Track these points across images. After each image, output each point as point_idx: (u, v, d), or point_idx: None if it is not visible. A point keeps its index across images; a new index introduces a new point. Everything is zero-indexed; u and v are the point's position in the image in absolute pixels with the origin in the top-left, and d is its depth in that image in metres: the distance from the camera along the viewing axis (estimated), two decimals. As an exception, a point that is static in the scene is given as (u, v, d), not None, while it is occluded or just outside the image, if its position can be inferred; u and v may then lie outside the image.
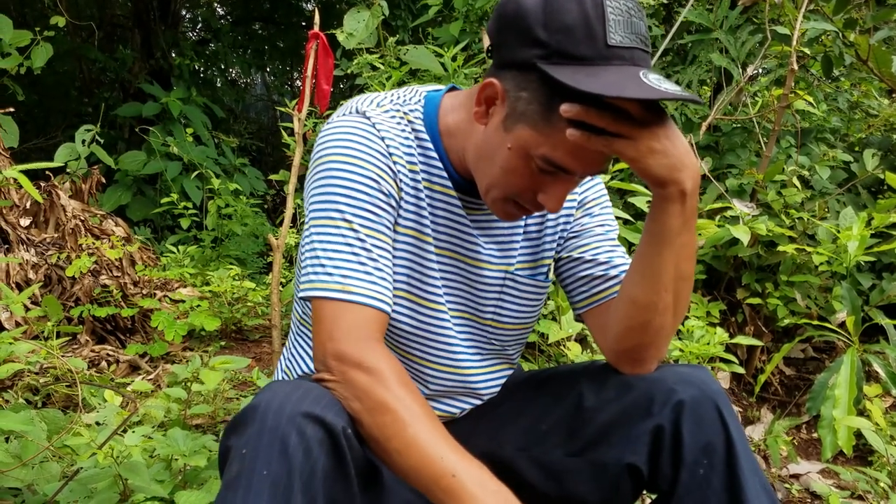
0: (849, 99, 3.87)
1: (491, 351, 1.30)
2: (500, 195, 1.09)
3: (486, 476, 0.96)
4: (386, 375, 1.00)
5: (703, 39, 3.52)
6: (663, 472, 1.14)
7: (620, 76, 0.93)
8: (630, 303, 1.14)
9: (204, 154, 6.51)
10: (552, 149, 1.00)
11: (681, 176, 1.01)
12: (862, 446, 2.40)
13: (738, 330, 2.84)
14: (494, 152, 1.06)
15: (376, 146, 1.12)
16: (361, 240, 1.07)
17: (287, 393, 0.96)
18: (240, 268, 4.06)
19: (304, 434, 0.92)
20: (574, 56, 0.94)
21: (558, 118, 0.96)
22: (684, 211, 1.05)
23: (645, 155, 0.99)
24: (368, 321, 1.05)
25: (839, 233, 2.55)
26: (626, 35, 0.95)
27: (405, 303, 1.19)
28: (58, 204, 3.30)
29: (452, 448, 0.97)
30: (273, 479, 0.90)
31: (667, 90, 0.91)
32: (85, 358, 2.74)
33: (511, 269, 1.25)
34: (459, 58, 3.18)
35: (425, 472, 0.95)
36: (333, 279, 1.05)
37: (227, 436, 0.97)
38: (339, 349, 1.02)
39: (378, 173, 1.10)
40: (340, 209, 1.08)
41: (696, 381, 1.14)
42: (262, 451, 0.91)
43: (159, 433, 1.71)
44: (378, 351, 1.03)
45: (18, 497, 1.65)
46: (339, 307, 1.04)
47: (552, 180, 1.05)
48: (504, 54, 1.02)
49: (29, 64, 4.70)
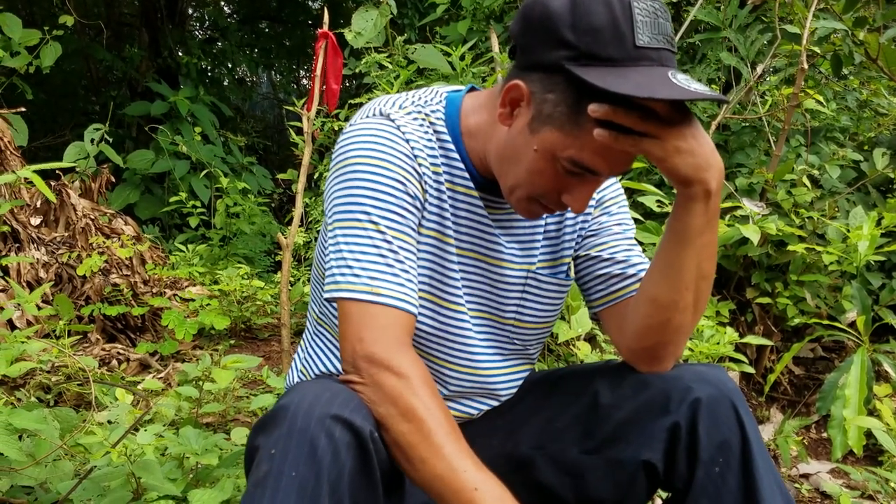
0: (858, 98, 3.85)
1: (512, 351, 1.31)
2: (525, 195, 1.09)
3: (506, 494, 0.97)
4: (415, 382, 1.00)
5: (713, 38, 3.50)
6: (679, 470, 1.14)
7: (649, 77, 0.94)
8: (651, 301, 1.15)
9: (212, 153, 6.52)
10: (579, 150, 1.00)
11: (706, 175, 1.02)
12: (872, 446, 2.40)
13: (747, 329, 2.84)
14: (520, 154, 1.06)
15: (402, 148, 1.12)
16: (388, 241, 1.07)
17: (316, 394, 0.96)
18: (248, 266, 4.07)
19: (333, 437, 0.92)
20: (602, 57, 0.95)
21: (586, 119, 0.97)
22: (708, 210, 1.06)
23: (672, 154, 0.99)
24: (398, 323, 1.05)
25: (849, 232, 2.55)
26: (653, 36, 0.96)
27: (425, 304, 1.19)
28: (68, 203, 3.31)
29: (474, 462, 0.98)
30: (301, 481, 0.90)
31: (696, 90, 0.92)
32: (96, 356, 2.75)
33: (533, 269, 1.25)
34: (467, 56, 3.19)
35: (448, 483, 0.95)
36: (361, 280, 1.05)
37: (256, 435, 0.98)
38: (370, 351, 1.01)
39: (404, 175, 1.11)
40: (367, 211, 1.08)
41: (713, 379, 1.15)
42: (291, 452, 0.91)
43: (171, 431, 1.72)
44: (409, 355, 1.03)
45: (32, 495, 1.66)
46: (367, 308, 1.04)
47: (578, 181, 1.05)
48: (530, 56, 1.02)
49: (38, 63, 4.72)
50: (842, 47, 3.16)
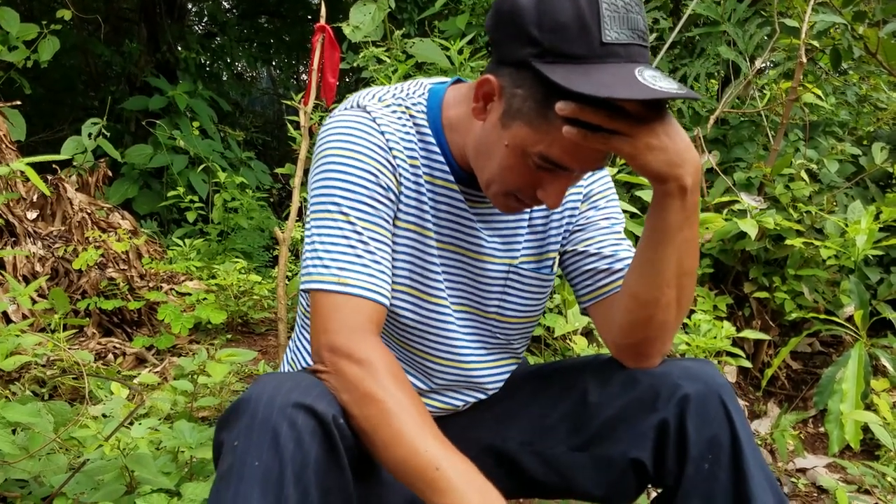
0: (857, 92, 3.85)
1: (496, 345, 1.30)
2: (500, 190, 1.09)
3: (471, 470, 0.96)
4: (376, 367, 1.00)
5: (711, 32, 3.49)
6: (668, 467, 1.13)
7: (614, 75, 0.92)
8: (632, 298, 1.14)
9: (210, 148, 6.51)
10: (548, 146, 0.99)
11: (680, 172, 1.00)
12: (869, 441, 2.40)
13: (745, 324, 2.83)
14: (492, 149, 1.06)
15: (375, 140, 1.11)
16: (359, 233, 1.08)
17: (277, 384, 0.96)
18: (246, 261, 4.06)
19: (296, 424, 0.92)
20: (568, 55, 0.93)
21: (554, 116, 0.95)
22: (685, 206, 1.04)
23: (643, 151, 0.97)
24: (364, 313, 1.05)
25: (847, 227, 2.54)
26: (621, 31, 0.93)
27: (407, 297, 1.19)
28: (64, 197, 3.31)
29: (439, 441, 0.97)
30: (265, 471, 0.90)
31: (661, 88, 0.90)
32: (92, 350, 2.75)
33: (515, 263, 1.25)
34: (466, 51, 3.17)
35: (410, 464, 0.95)
36: (330, 271, 1.05)
37: (220, 430, 0.98)
38: (332, 341, 1.02)
39: (377, 167, 1.10)
40: (338, 202, 1.08)
41: (701, 375, 1.14)
42: (254, 442, 0.91)
43: (166, 425, 1.71)
44: (371, 343, 1.03)
45: (25, 488, 1.65)
46: (335, 299, 1.04)
47: (550, 177, 1.04)
48: (500, 51, 1.01)
49: (36, 57, 4.71)
50: (841, 41, 3.16)
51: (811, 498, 2.20)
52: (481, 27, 4.12)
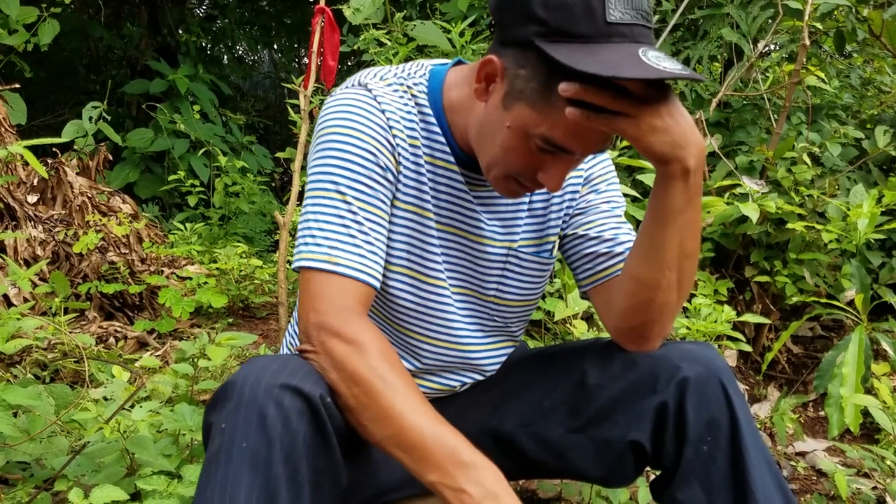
0: (861, 75, 3.82)
1: (494, 327, 1.30)
2: (501, 173, 1.08)
3: (460, 445, 0.95)
4: (365, 346, 0.99)
5: (714, 14, 3.47)
6: (667, 449, 1.14)
7: (619, 54, 0.91)
8: (634, 280, 1.13)
9: (211, 131, 6.49)
10: (551, 128, 0.98)
11: (683, 153, 0.99)
12: (869, 424, 2.40)
13: (745, 308, 2.83)
14: (494, 131, 1.05)
15: (376, 119, 1.11)
16: (354, 212, 1.07)
17: (264, 366, 0.96)
18: (247, 245, 4.06)
19: (283, 405, 0.92)
20: (572, 34, 0.93)
21: (557, 97, 0.95)
22: (688, 188, 1.03)
23: (646, 133, 0.97)
24: (353, 293, 1.04)
25: (849, 210, 2.53)
26: (626, 11, 0.93)
27: (405, 278, 1.19)
28: (65, 181, 3.30)
29: (428, 417, 0.96)
30: (253, 452, 0.91)
31: (665, 69, 0.89)
32: (93, 334, 2.76)
33: (514, 246, 1.24)
34: (467, 33, 3.16)
35: (398, 440, 0.95)
36: (321, 250, 1.05)
37: (208, 413, 0.98)
38: (320, 320, 1.01)
39: (376, 146, 1.10)
40: (335, 181, 1.08)
41: (701, 358, 1.14)
42: (241, 424, 0.92)
43: (167, 408, 1.72)
44: (359, 322, 1.02)
45: (27, 471, 1.66)
46: (324, 278, 1.04)
47: (552, 159, 1.04)
48: (504, 31, 1.00)
49: (36, 41, 4.69)
50: (845, 24, 3.13)
51: (810, 481, 2.20)
52: (483, 9, 4.09)
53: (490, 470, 0.94)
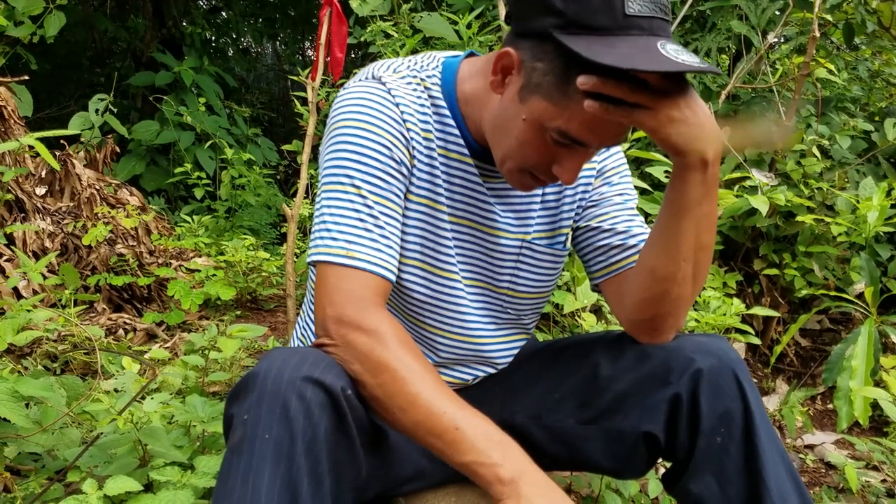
0: (870, 67, 3.80)
1: (507, 320, 1.30)
2: (516, 166, 1.08)
3: (490, 427, 0.97)
4: (385, 336, 1.00)
5: (723, 6, 3.45)
6: (680, 441, 1.14)
7: (637, 47, 0.91)
8: (649, 273, 1.13)
9: (216, 124, 6.49)
10: (567, 121, 0.98)
11: (701, 145, 0.99)
12: (878, 417, 2.40)
13: (754, 301, 2.83)
14: (510, 123, 1.05)
15: (390, 112, 1.10)
16: (369, 206, 1.07)
17: (285, 358, 0.96)
18: (253, 238, 4.07)
19: (305, 397, 0.93)
20: (591, 26, 0.92)
21: (574, 90, 0.94)
22: (705, 180, 1.03)
23: (664, 124, 0.96)
24: (370, 287, 1.04)
25: (858, 203, 2.52)
26: (644, 4, 0.93)
27: (418, 271, 1.19)
28: (73, 173, 3.31)
29: (455, 402, 0.98)
30: (276, 443, 0.91)
31: (684, 62, 0.89)
32: (102, 326, 2.76)
33: (528, 238, 1.24)
34: (474, 25, 3.15)
35: (429, 426, 0.96)
36: (338, 244, 1.05)
37: (230, 404, 0.98)
38: (339, 313, 1.02)
39: (390, 140, 1.10)
40: (350, 175, 1.07)
41: (714, 350, 1.14)
42: (264, 416, 0.92)
43: (177, 400, 1.72)
44: (378, 314, 1.03)
45: (39, 462, 1.67)
46: (341, 272, 1.04)
47: (567, 152, 1.03)
48: (521, 23, 1.00)
49: (42, 33, 4.68)
50: (854, 16, 3.12)
51: (819, 474, 2.20)
52: (490, 1, 4.08)
53: (518, 448, 0.96)
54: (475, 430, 0.95)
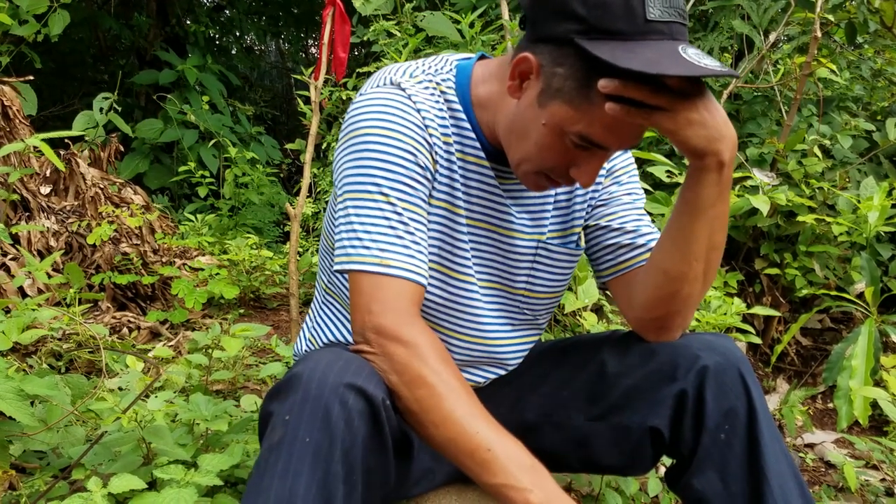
0: (872, 67, 3.80)
1: (522, 320, 1.32)
2: (533, 168, 1.09)
3: (521, 451, 0.98)
4: (424, 350, 1.01)
5: (725, 6, 3.46)
6: (685, 437, 1.15)
7: (659, 52, 0.92)
8: (661, 272, 1.15)
9: (220, 122, 6.51)
10: (588, 125, 1.00)
11: (719, 146, 1.01)
12: (878, 416, 2.41)
13: (755, 300, 2.84)
14: (528, 127, 1.06)
15: (413, 118, 1.11)
16: (398, 213, 1.08)
17: (329, 363, 0.98)
18: (257, 236, 4.08)
19: (347, 404, 0.94)
20: (612, 31, 0.94)
21: (595, 94, 0.96)
22: (720, 181, 1.05)
23: (683, 126, 0.98)
24: (406, 294, 1.05)
25: (859, 203, 2.53)
26: (664, 9, 0.94)
27: (435, 274, 1.20)
28: (77, 172, 3.32)
29: (489, 423, 0.99)
30: (315, 447, 0.92)
31: (706, 66, 0.91)
32: (106, 324, 2.78)
33: (543, 238, 1.26)
34: (477, 24, 3.15)
35: (461, 445, 0.97)
36: (371, 252, 1.06)
37: (270, 401, 0.99)
38: (378, 322, 1.02)
39: (415, 146, 1.10)
40: (377, 182, 1.08)
41: (720, 348, 1.16)
42: (306, 418, 0.93)
43: (181, 398, 1.74)
44: (417, 325, 1.04)
45: (44, 460, 1.68)
46: (376, 280, 1.05)
47: (586, 155, 1.05)
48: (540, 28, 1.01)
49: (46, 31, 4.70)
50: (856, 15, 3.12)
51: (819, 473, 2.21)
52: (492, 0, 4.09)
53: (548, 475, 0.97)
54: (507, 452, 0.96)
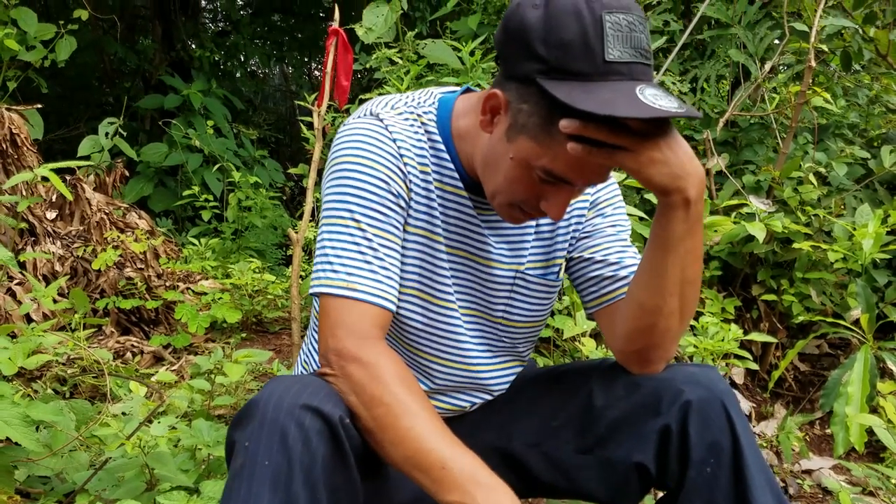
0: (868, 94, 3.85)
1: (502, 348, 1.34)
2: (506, 201, 1.12)
3: (478, 468, 0.98)
4: (382, 370, 1.03)
5: (722, 35, 3.51)
6: (671, 471, 1.16)
7: (615, 92, 0.94)
8: (637, 306, 1.17)
9: (224, 146, 6.57)
10: (552, 161, 1.02)
11: (683, 184, 1.03)
12: (874, 443, 2.42)
13: (752, 326, 2.86)
14: (498, 161, 1.09)
15: (387, 147, 1.15)
16: (369, 239, 1.11)
17: (286, 386, 1.00)
18: (259, 260, 4.11)
19: (303, 425, 0.96)
20: (572, 72, 0.96)
21: (558, 132, 0.98)
22: (688, 217, 1.07)
23: (646, 165, 1.00)
24: (370, 317, 1.08)
25: (855, 230, 2.56)
26: (624, 50, 0.96)
27: (416, 300, 1.23)
28: (83, 197, 3.36)
29: (446, 440, 1.00)
30: (274, 470, 0.95)
31: (661, 107, 0.92)
32: (110, 349, 2.81)
33: (522, 269, 1.28)
34: (477, 52, 3.20)
35: (417, 462, 0.98)
36: (339, 276, 1.09)
37: (232, 430, 1.02)
38: (340, 346, 1.06)
39: (388, 174, 1.14)
40: (350, 209, 1.12)
41: (703, 381, 1.17)
42: (264, 442, 0.96)
43: (183, 423, 1.76)
44: (377, 347, 1.06)
45: (48, 485, 1.70)
46: (342, 304, 1.08)
47: (554, 189, 1.07)
48: (508, 66, 1.04)
49: (53, 57, 4.77)
50: (851, 44, 3.17)
51: (816, 499, 2.22)
52: (493, 28, 4.14)
53: (506, 492, 0.98)
54: (463, 469, 0.97)
